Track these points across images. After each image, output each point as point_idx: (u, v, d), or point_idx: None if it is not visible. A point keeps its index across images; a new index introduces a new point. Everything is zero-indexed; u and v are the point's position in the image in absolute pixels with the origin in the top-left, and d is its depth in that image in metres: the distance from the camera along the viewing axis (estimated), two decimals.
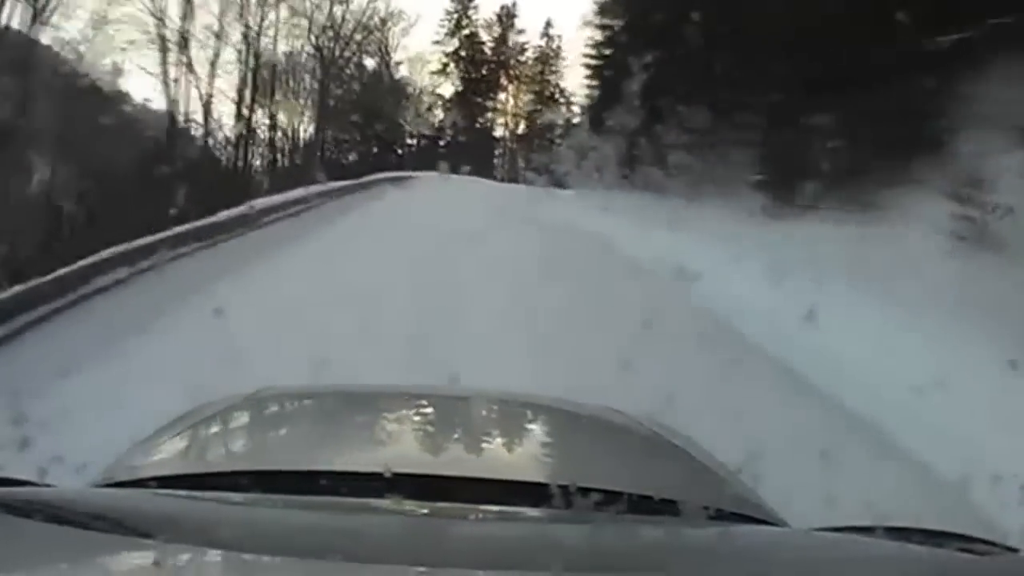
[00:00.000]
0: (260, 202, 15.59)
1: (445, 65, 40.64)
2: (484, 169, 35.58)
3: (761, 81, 11.97)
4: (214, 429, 1.68)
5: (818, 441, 3.91)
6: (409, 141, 40.16)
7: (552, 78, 40.99)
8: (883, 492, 3.38)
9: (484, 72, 40.65)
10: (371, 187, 22.51)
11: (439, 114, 40.88)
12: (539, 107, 40.82)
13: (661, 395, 1.91)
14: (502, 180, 34.92)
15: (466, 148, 37.97)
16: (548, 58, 40.99)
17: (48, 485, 1.23)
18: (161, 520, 0.99)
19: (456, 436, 1.76)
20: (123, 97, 27.43)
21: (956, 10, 8.31)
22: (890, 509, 1.47)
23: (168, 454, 1.52)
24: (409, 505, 1.13)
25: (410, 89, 41.11)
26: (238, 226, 12.89)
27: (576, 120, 39.03)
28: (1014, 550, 1.15)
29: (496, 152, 41.24)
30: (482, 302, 7.82)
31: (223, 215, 12.98)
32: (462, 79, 40.95)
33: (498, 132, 42.23)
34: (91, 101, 24.57)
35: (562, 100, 40.79)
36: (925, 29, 8.38)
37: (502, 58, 41.01)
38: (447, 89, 41.13)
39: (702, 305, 7.30)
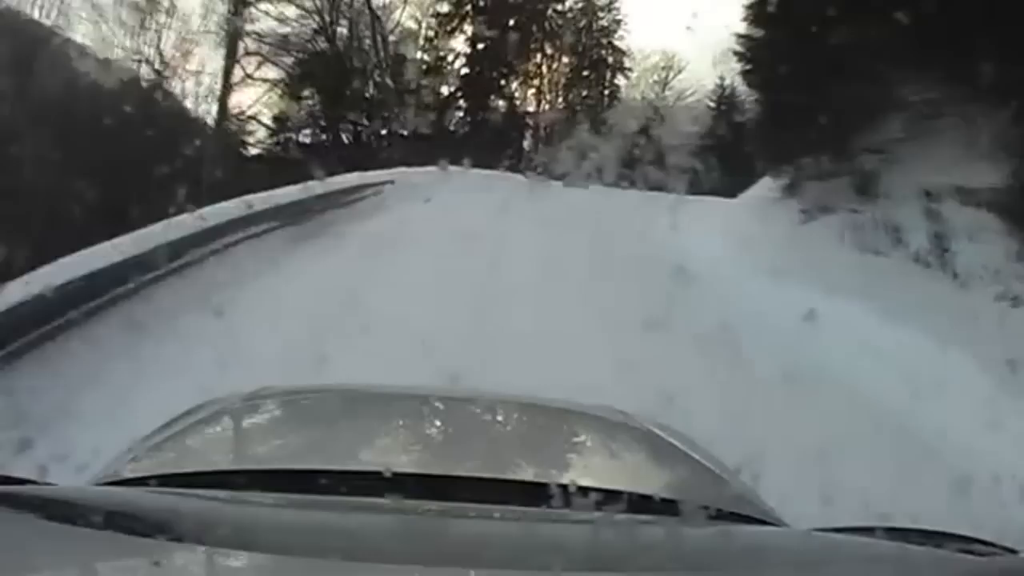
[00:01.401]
0: None
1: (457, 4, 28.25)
2: (510, 160, 24.00)
3: None
4: (214, 428, 1.68)
5: None
6: (400, 118, 27.78)
7: (599, 35, 29.93)
8: None
9: (511, 23, 28.27)
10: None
11: (448, 81, 28.91)
12: (588, 73, 29.70)
13: None
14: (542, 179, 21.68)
15: (484, 130, 26.95)
16: (595, 8, 29.60)
17: (48, 483, 1.23)
18: (161, 518, 0.99)
19: (456, 436, 1.76)
20: None
21: None
22: None
23: (168, 453, 1.52)
24: (409, 504, 1.13)
25: (402, 44, 28.33)
26: None
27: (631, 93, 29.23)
28: (1013, 551, 1.15)
29: (527, 134, 29.75)
30: None
31: None
32: (479, 33, 28.38)
33: (529, 107, 29.92)
34: None
35: (615, 64, 29.93)
36: None
37: (536, 6, 29.04)
38: (458, 44, 28.87)
39: None
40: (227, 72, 23.31)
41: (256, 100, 25.01)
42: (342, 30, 26.94)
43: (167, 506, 1.10)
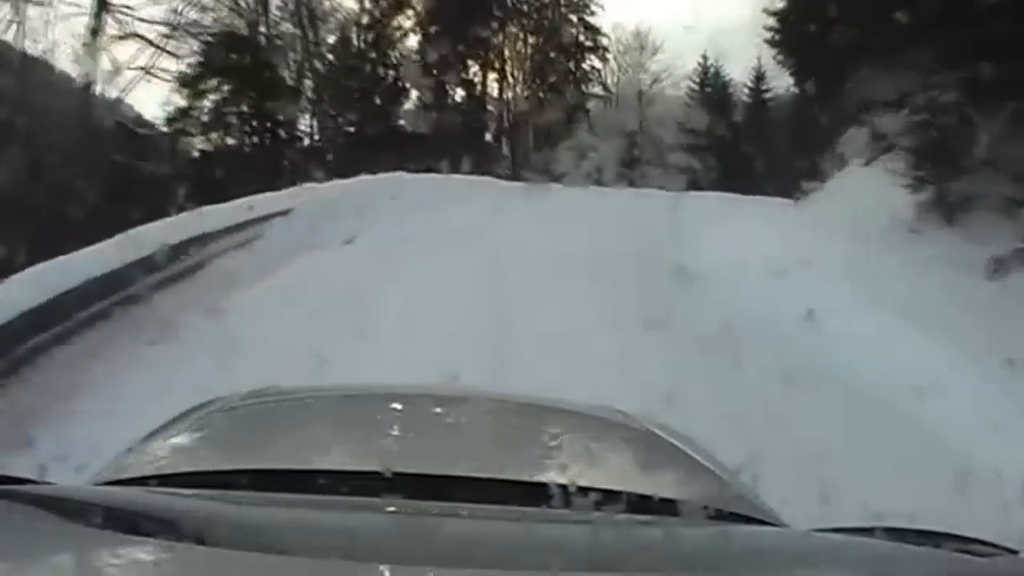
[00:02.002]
0: None
1: None
2: (478, 158, 20.02)
3: None
4: (214, 428, 1.69)
5: None
6: (337, 118, 22.21)
7: (567, 10, 25.48)
8: None
9: None
10: None
11: (396, 66, 23.28)
12: (556, 55, 25.09)
13: None
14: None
15: (443, 123, 21.27)
16: None
17: (48, 483, 1.24)
18: (160, 518, 0.99)
19: (455, 436, 1.76)
20: None
21: None
22: None
23: (168, 452, 1.52)
24: (408, 505, 1.13)
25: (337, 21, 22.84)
26: None
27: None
28: (1013, 551, 1.15)
29: (490, 128, 24.82)
30: None
31: None
32: (431, 9, 23.37)
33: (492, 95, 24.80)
34: None
35: (589, 43, 25.28)
36: None
37: None
38: (407, 22, 23.90)
39: None
40: (90, 56, 17.46)
41: (124, 89, 18.31)
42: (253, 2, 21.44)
43: (167, 506, 1.10)
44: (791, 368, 4.37)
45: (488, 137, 24.57)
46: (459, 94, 24.22)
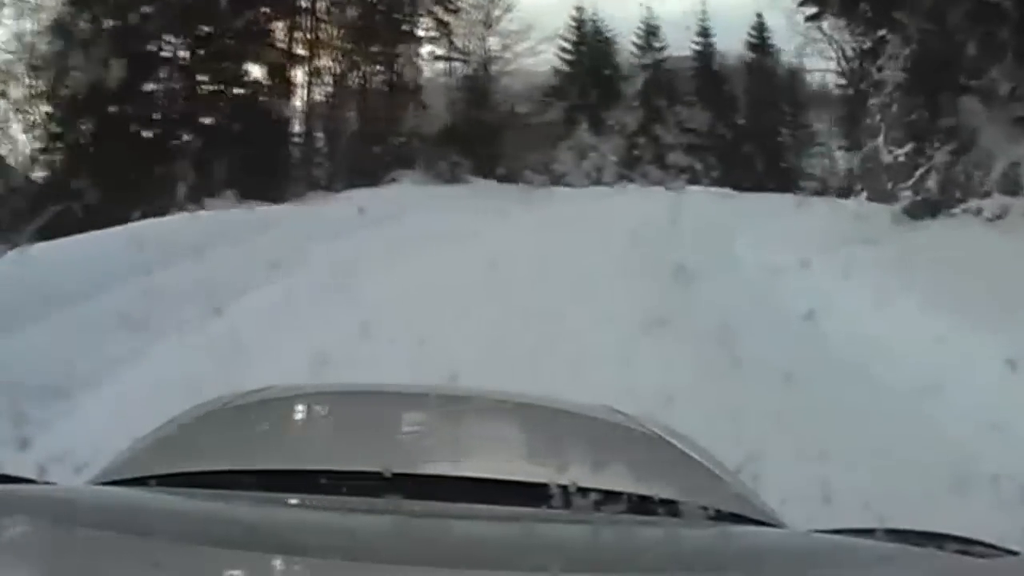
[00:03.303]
0: None
1: None
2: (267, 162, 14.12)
3: None
4: (214, 428, 1.69)
5: None
6: None
7: None
8: None
9: None
10: None
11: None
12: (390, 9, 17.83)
13: None
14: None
15: (225, 117, 14.73)
16: None
17: (48, 483, 1.24)
18: (160, 518, 0.99)
19: (456, 436, 1.76)
20: None
21: None
22: None
23: (168, 452, 1.52)
24: (408, 505, 1.13)
25: None
26: None
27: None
28: (1014, 552, 1.15)
29: (299, 113, 17.42)
30: None
31: None
32: None
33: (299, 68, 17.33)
34: None
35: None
36: None
37: None
38: None
39: None
40: None
41: None
42: None
43: (167, 506, 1.10)
44: None
45: (297, 128, 17.44)
46: (254, 67, 16.34)
